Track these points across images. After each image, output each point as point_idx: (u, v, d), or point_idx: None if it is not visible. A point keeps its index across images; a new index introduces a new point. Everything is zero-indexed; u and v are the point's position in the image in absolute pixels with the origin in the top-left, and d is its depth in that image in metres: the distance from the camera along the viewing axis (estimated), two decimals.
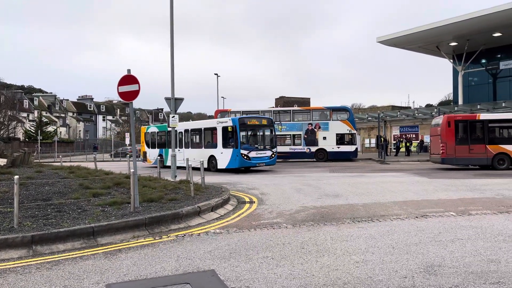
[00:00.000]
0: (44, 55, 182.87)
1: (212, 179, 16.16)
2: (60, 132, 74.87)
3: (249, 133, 21.54)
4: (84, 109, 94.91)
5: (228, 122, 20.76)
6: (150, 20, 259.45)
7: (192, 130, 24.16)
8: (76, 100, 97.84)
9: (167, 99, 14.92)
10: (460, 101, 40.14)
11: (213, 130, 22.08)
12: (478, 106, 33.10)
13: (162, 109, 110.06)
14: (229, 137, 20.55)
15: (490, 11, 30.63)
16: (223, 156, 20.83)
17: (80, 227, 6.67)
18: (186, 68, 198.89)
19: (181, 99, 15.11)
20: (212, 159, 21.63)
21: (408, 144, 35.72)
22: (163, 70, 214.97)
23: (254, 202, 10.61)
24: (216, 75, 49.15)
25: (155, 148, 27.21)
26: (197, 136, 23.79)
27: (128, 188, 9.78)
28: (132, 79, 8.50)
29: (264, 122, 21.72)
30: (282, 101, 69.81)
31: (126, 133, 51.31)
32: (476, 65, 40.46)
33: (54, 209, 8.04)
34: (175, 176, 14.26)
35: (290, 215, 8.77)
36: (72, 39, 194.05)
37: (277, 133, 24.65)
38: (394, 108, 51.16)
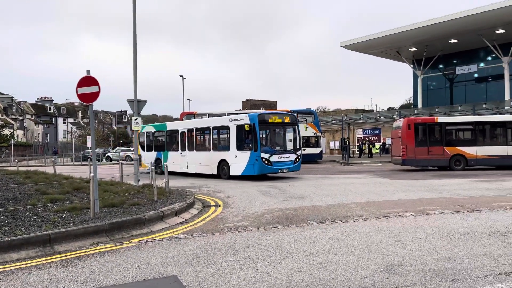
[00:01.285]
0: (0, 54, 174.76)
1: (177, 182, 15.93)
2: (17, 135, 71.68)
3: (270, 132, 18.23)
4: (43, 111, 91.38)
5: (244, 119, 17.32)
6: (111, 19, 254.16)
7: (197, 129, 20.61)
8: (34, 102, 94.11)
9: (129, 101, 14.58)
10: (420, 105, 41.73)
11: (224, 129, 18.68)
12: (436, 110, 34.50)
13: (125, 111, 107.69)
14: (245, 138, 17.24)
15: (447, 18, 32.05)
16: (238, 161, 17.53)
17: (35, 234, 6.37)
18: (150, 70, 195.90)
19: (144, 101, 14.80)
20: (223, 164, 18.37)
21: (370, 146, 36.68)
22: (128, 71, 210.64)
23: (219, 206, 10.54)
24: (181, 77, 48.63)
25: (151, 150, 23.62)
26: (204, 137, 20.52)
27: (88, 193, 9.46)
28: (92, 80, 8.25)
29: (287, 119, 18.29)
30: (249, 103, 70.10)
31: (88, 136, 49.81)
32: (434, 70, 42.19)
33: (7, 216, 7.65)
34: (138, 180, 13.95)
35: (255, 217, 8.76)
36: (30, 38, 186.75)
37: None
38: (357, 111, 52.39)
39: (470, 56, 39.38)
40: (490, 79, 38.66)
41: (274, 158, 17.16)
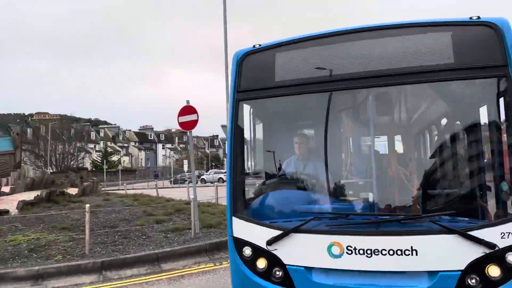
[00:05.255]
0: (108, 88, 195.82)
1: None
2: (124, 161, 79.00)
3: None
4: (145, 138, 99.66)
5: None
6: (196, 52, 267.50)
7: None
8: (137, 130, 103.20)
9: (223, 126, 15.23)
10: None
11: None
12: None
13: (217, 136, 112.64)
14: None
15: None
16: None
17: (145, 253, 6.95)
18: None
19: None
20: None
21: None
22: (212, 98, 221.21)
23: None
24: None
25: None
26: None
27: (188, 214, 10.05)
28: (191, 109, 8.89)
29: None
30: None
31: (184, 160, 53.05)
32: None
33: (121, 235, 8.44)
34: None
35: None
36: (124, 73, 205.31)
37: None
38: None
39: None
40: None
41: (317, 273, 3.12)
